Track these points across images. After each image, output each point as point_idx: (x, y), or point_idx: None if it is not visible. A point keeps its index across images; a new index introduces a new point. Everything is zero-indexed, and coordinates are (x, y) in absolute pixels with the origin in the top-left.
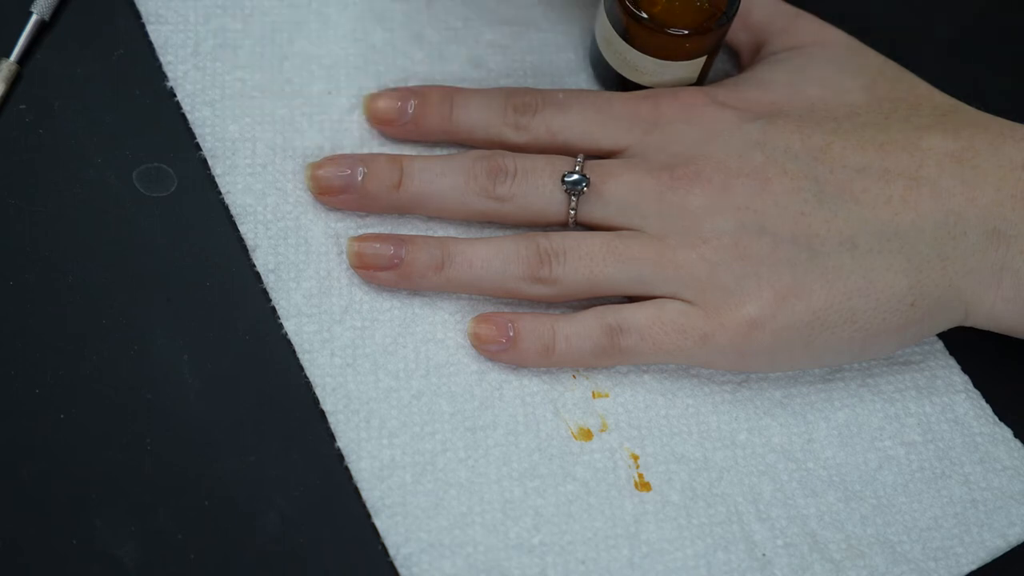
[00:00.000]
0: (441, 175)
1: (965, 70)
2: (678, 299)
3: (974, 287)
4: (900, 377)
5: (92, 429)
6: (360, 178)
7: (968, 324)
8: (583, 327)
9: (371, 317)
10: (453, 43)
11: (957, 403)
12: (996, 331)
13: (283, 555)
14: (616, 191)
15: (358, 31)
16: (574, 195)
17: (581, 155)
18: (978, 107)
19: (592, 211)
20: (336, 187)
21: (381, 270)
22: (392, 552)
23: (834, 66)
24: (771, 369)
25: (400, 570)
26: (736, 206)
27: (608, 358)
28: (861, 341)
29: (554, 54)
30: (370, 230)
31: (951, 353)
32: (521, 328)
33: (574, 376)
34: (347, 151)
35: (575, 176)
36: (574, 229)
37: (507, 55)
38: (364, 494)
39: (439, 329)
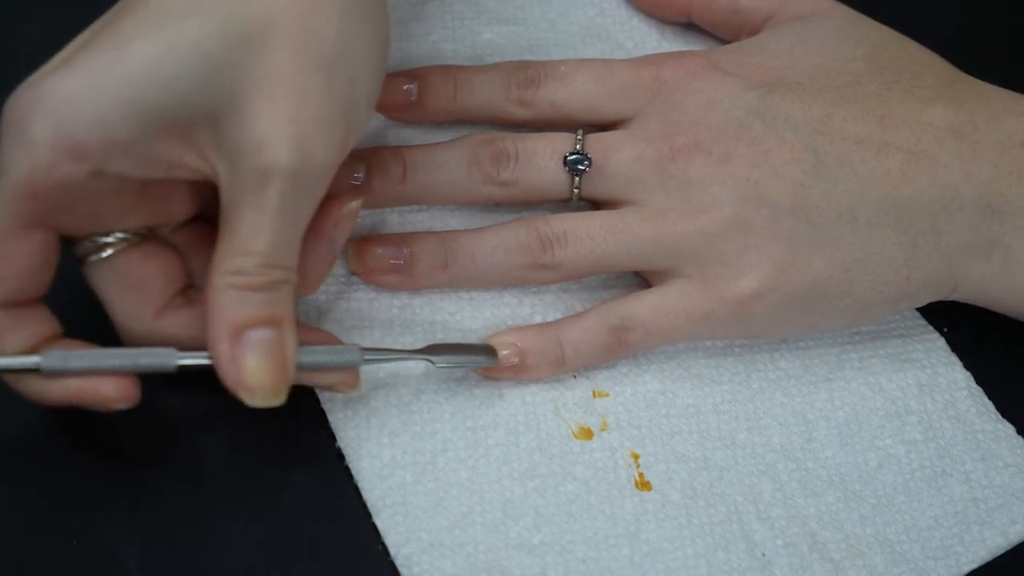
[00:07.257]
0: (444, 166)
1: (965, 70)
2: (678, 275)
3: (964, 261)
4: (902, 375)
5: (92, 428)
6: (363, 177)
7: (954, 298)
8: (588, 333)
9: (370, 316)
10: (451, 42)
11: (959, 400)
12: (981, 305)
13: (283, 555)
14: (617, 166)
15: None
16: (576, 175)
17: (580, 131)
18: None
19: (595, 187)
20: (343, 190)
21: (386, 274)
22: (392, 552)
23: (836, 35)
24: (768, 334)
25: (400, 570)
26: (735, 177)
27: (616, 355)
28: (856, 311)
29: (553, 54)
30: (367, 220)
31: (953, 350)
32: (528, 349)
33: (575, 376)
34: None
35: (576, 155)
36: (578, 204)
37: (505, 55)
38: (364, 494)
39: (439, 328)
